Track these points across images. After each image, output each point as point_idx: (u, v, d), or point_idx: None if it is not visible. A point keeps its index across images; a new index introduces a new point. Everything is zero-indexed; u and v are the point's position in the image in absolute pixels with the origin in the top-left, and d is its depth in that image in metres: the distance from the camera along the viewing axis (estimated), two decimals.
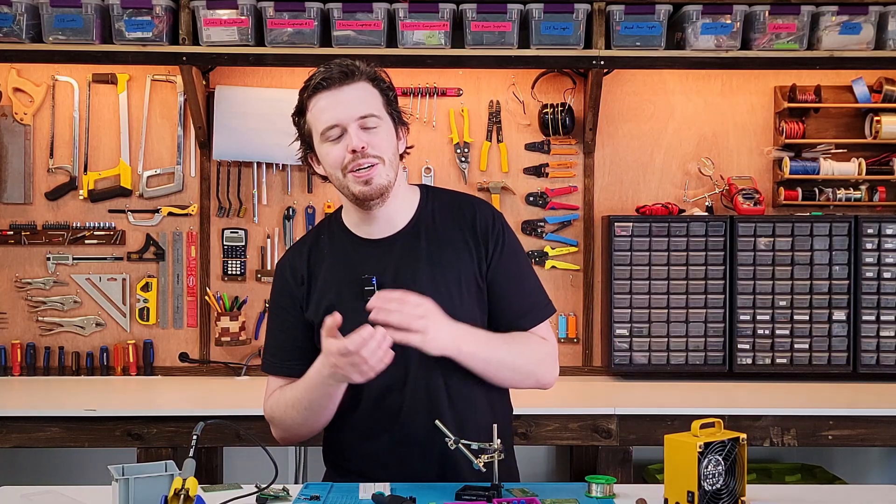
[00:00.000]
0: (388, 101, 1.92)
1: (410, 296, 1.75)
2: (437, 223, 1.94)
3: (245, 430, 2.03)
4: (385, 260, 1.90)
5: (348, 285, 1.89)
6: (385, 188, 1.87)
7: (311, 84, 1.88)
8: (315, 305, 1.92)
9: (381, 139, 1.86)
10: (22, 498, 1.84)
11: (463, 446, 1.74)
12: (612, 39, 3.25)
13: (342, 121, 1.84)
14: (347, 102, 1.85)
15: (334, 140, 1.86)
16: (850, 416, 2.92)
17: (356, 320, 1.75)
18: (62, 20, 3.22)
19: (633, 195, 3.58)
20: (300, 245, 2.03)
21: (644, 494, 1.79)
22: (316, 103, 1.88)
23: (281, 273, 2.00)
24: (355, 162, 1.84)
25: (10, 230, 3.52)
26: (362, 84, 1.89)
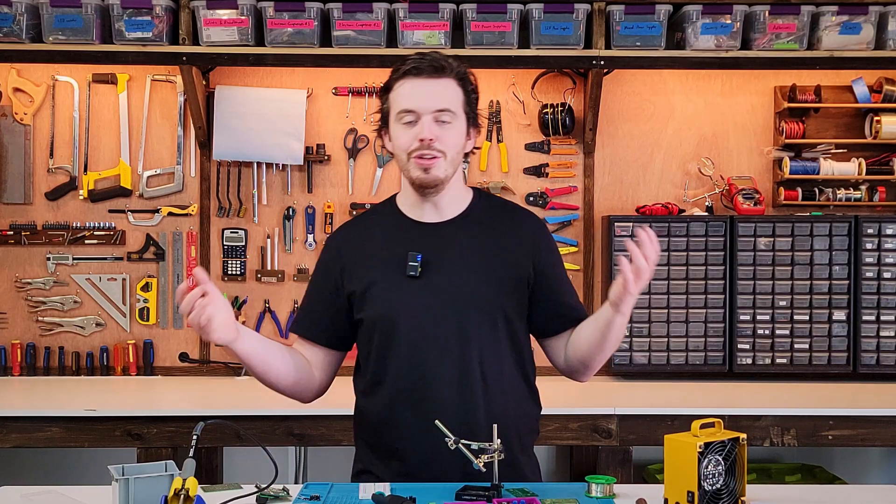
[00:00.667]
0: (469, 101, 2.00)
1: None
2: (487, 219, 2.05)
3: (245, 430, 2.03)
4: (433, 242, 2.00)
5: (394, 261, 1.98)
6: (441, 180, 1.97)
7: (402, 68, 1.98)
8: (358, 278, 2.01)
9: (450, 136, 1.95)
10: (22, 498, 1.84)
11: (463, 446, 1.74)
12: (612, 39, 3.25)
13: (419, 109, 1.94)
14: (429, 93, 1.95)
15: (408, 124, 1.95)
16: (850, 416, 2.92)
17: (398, 295, 1.93)
18: (62, 20, 3.22)
19: (633, 195, 3.58)
20: (352, 223, 2.18)
21: (644, 494, 1.79)
22: (401, 86, 1.97)
23: (329, 246, 2.12)
24: (420, 150, 1.93)
25: (10, 230, 3.52)
26: (448, 81, 1.97)
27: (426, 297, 1.95)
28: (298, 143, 3.49)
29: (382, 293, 1.97)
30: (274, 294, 3.57)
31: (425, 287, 1.95)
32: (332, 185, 3.58)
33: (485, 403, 1.94)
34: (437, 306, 1.94)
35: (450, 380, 1.94)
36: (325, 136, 3.57)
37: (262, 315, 3.56)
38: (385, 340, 1.97)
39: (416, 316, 1.94)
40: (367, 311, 1.99)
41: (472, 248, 2.00)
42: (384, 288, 1.97)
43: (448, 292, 1.95)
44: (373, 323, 1.99)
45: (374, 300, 1.98)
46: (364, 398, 2.05)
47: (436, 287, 1.95)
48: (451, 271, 1.96)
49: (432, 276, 1.96)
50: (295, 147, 3.49)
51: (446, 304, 1.94)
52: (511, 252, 2.01)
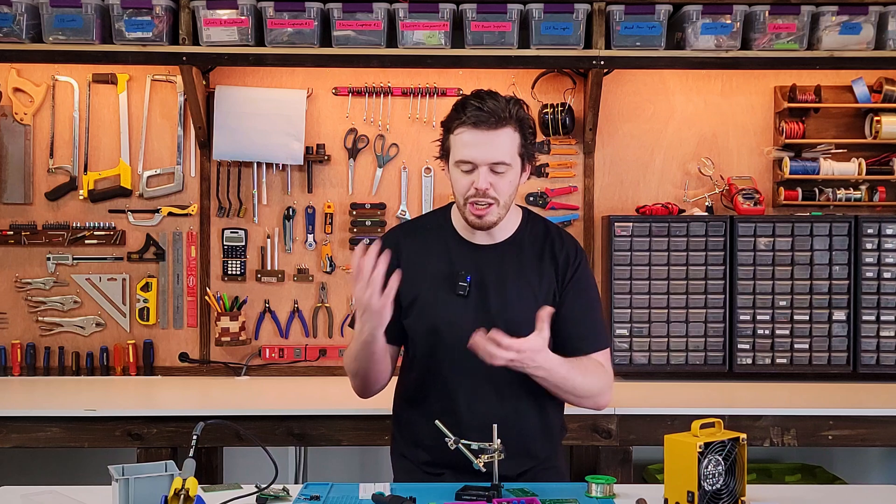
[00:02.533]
0: (525, 143, 2.08)
1: (519, 344, 1.88)
2: (530, 245, 2.16)
3: (245, 430, 2.03)
4: (481, 264, 2.11)
5: (443, 278, 2.10)
6: (494, 224, 2.08)
7: (464, 116, 2.02)
8: (407, 286, 2.05)
9: (505, 184, 2.05)
10: (22, 498, 1.84)
11: (463, 446, 1.74)
12: (612, 39, 3.25)
13: (476, 161, 2.02)
14: (488, 147, 2.01)
15: (465, 172, 2.04)
16: (850, 416, 2.92)
17: (445, 311, 2.06)
18: (62, 20, 3.22)
19: (633, 195, 3.58)
20: (409, 226, 2.28)
21: (644, 494, 1.79)
22: (461, 134, 2.03)
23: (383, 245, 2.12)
24: (475, 198, 2.03)
25: (10, 230, 3.52)
26: (508, 130, 2.03)
27: (469, 316, 2.04)
28: (298, 143, 3.49)
29: (429, 307, 2.09)
30: (274, 294, 3.57)
31: (469, 306, 2.07)
32: (332, 185, 3.58)
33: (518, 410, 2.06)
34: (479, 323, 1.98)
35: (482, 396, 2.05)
36: (325, 136, 3.57)
37: (262, 315, 3.56)
38: (428, 353, 2.10)
39: (458, 333, 2.00)
40: (412, 321, 2.11)
41: (514, 273, 2.10)
42: (432, 302, 2.09)
43: (491, 314, 2.04)
44: (418, 334, 2.11)
45: (421, 312, 2.10)
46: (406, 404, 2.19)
47: (478, 307, 2.06)
48: (494, 293, 2.07)
49: (477, 297, 2.08)
50: (295, 147, 3.49)
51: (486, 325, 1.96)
52: (547, 280, 2.11)
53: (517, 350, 1.87)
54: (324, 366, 3.55)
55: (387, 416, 2.91)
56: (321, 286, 3.56)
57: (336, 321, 3.57)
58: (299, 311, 3.57)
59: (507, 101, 2.03)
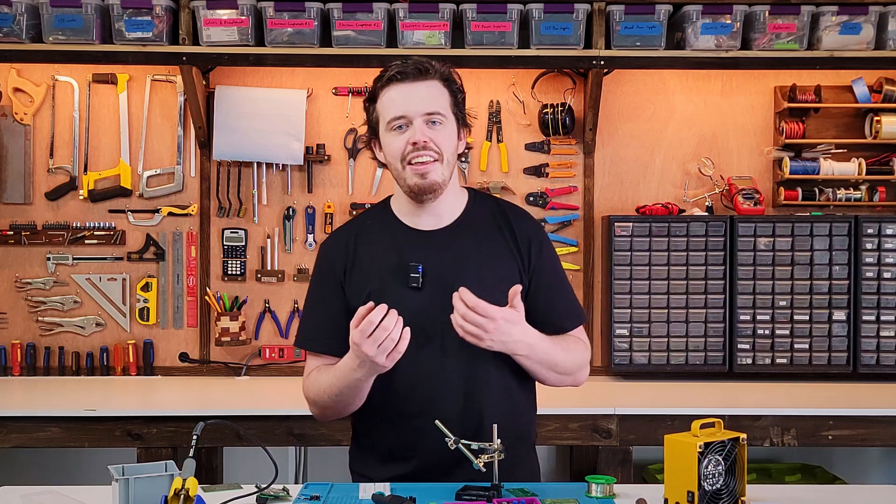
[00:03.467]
0: (456, 101, 1.99)
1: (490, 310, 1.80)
2: (483, 224, 2.02)
3: (245, 430, 2.03)
4: (432, 251, 1.97)
5: (393, 272, 1.95)
6: (439, 185, 1.94)
7: (386, 75, 1.95)
8: (358, 290, 1.96)
9: (443, 137, 1.93)
10: (22, 498, 1.84)
11: (463, 446, 1.74)
12: (612, 39, 3.25)
13: (409, 113, 1.92)
14: (417, 97, 1.92)
15: (398, 130, 1.93)
16: (850, 416, 2.92)
17: (399, 307, 1.85)
18: (62, 20, 3.22)
19: (633, 195, 3.58)
20: (348, 227, 2.10)
21: (644, 494, 1.79)
22: (387, 93, 1.95)
23: (326, 252, 2.07)
24: (415, 153, 1.91)
25: (10, 230, 3.52)
26: (434, 82, 1.96)
27: (429, 308, 1.91)
28: (298, 143, 3.50)
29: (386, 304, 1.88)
30: (274, 294, 3.57)
31: (427, 298, 1.93)
32: (332, 185, 3.58)
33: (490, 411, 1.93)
34: (439, 317, 1.89)
35: (455, 389, 1.93)
36: (325, 136, 3.57)
37: (261, 315, 3.56)
38: None
39: (420, 327, 1.88)
40: None
41: (471, 256, 1.97)
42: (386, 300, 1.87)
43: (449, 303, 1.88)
44: None
45: None
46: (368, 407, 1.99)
47: (437, 297, 1.91)
48: (452, 281, 1.90)
49: (433, 286, 1.93)
50: (295, 147, 3.49)
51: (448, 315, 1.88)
52: (508, 259, 1.99)
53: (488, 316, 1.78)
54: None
55: None
56: None
57: None
58: (299, 312, 3.56)
59: (429, 59, 1.98)
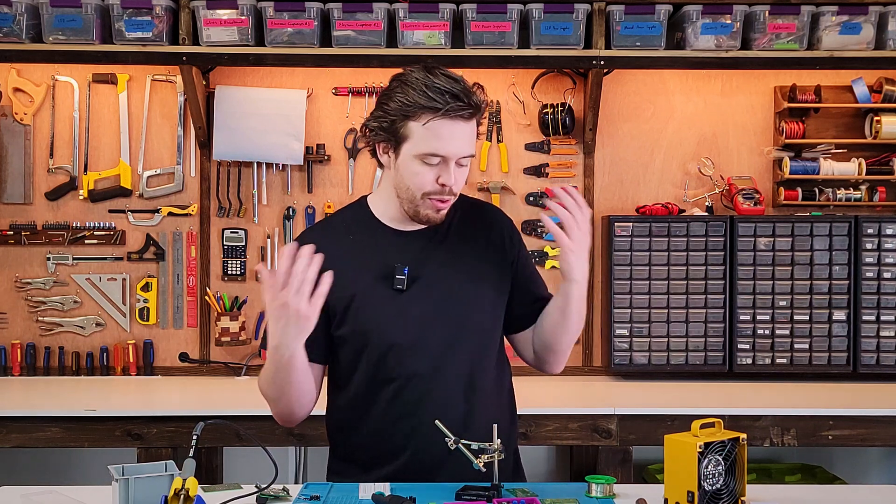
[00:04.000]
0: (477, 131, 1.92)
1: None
2: (462, 223, 1.99)
3: (245, 430, 2.03)
4: (416, 251, 1.93)
5: (375, 272, 1.90)
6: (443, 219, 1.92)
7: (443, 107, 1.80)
8: (337, 290, 1.83)
9: (464, 175, 1.89)
10: (22, 498, 1.84)
11: (463, 446, 1.74)
12: (612, 39, 3.25)
13: (450, 155, 1.83)
14: (461, 140, 1.84)
15: (430, 165, 1.84)
16: (850, 416, 2.92)
17: (384, 310, 1.84)
18: (62, 20, 3.22)
19: (633, 195, 3.58)
20: (322, 227, 2.05)
21: (644, 494, 1.79)
22: (433, 122, 1.81)
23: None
24: (439, 196, 1.87)
25: (10, 230, 3.52)
26: (473, 122, 1.88)
27: (415, 310, 1.88)
28: (298, 143, 3.50)
29: (369, 307, 1.88)
30: None
31: (413, 299, 1.89)
32: (332, 185, 3.58)
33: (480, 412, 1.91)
34: (426, 320, 1.88)
35: (444, 392, 1.89)
36: (325, 136, 3.57)
37: (261, 315, 3.56)
38: (375, 355, 1.89)
39: (406, 331, 1.87)
40: (350, 326, 1.89)
41: (454, 256, 1.95)
42: (371, 302, 1.87)
43: (436, 304, 1.89)
44: (359, 339, 1.89)
45: (360, 314, 1.88)
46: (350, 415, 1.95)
47: (423, 300, 1.89)
48: (437, 282, 1.90)
49: (418, 288, 1.89)
50: (295, 147, 3.49)
51: (435, 317, 1.89)
52: (491, 256, 1.99)
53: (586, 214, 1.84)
54: None
55: None
56: None
57: None
58: None
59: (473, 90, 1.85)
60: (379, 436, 1.93)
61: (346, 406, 1.96)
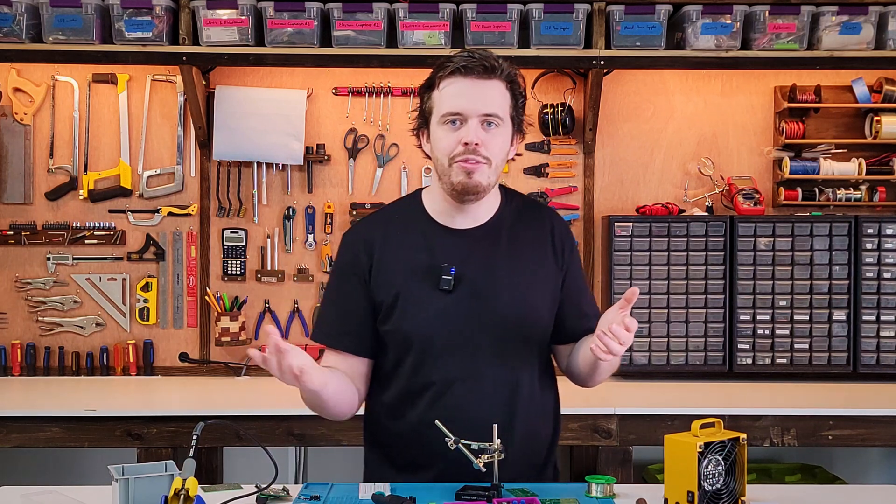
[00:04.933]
0: (516, 106, 1.90)
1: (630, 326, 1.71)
2: (517, 223, 1.96)
3: (245, 430, 2.03)
4: (465, 251, 1.90)
5: (423, 271, 1.88)
6: (483, 188, 1.86)
7: (450, 66, 1.84)
8: (384, 289, 1.88)
9: (496, 142, 1.85)
10: (22, 498, 1.84)
11: (463, 446, 1.74)
12: (612, 39, 3.25)
13: (466, 111, 1.82)
14: (478, 96, 1.83)
15: (452, 126, 1.84)
16: (850, 416, 2.92)
17: (430, 310, 1.83)
18: (62, 20, 3.22)
19: (633, 195, 3.58)
20: (375, 219, 2.00)
21: (644, 494, 1.79)
22: (447, 85, 1.84)
23: (351, 245, 1.96)
24: (464, 156, 1.82)
25: (10, 230, 3.52)
26: (498, 83, 1.86)
27: (460, 312, 1.86)
28: (298, 143, 3.50)
29: (413, 306, 1.87)
30: (274, 294, 3.57)
31: (458, 301, 1.86)
32: (332, 185, 3.58)
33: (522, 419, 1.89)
34: (471, 321, 1.86)
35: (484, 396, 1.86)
36: (325, 136, 3.57)
37: (261, 315, 3.56)
38: (418, 356, 1.87)
39: (450, 332, 1.86)
40: (395, 323, 1.88)
41: (505, 258, 1.90)
42: (415, 301, 1.86)
43: (482, 307, 1.86)
44: (403, 337, 1.88)
45: (403, 313, 1.87)
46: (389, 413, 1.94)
47: (469, 301, 1.86)
48: (484, 284, 1.87)
49: (465, 289, 1.86)
50: (295, 147, 3.49)
51: (480, 319, 1.86)
52: (544, 260, 1.94)
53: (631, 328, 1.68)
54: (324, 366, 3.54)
55: None
56: (321, 286, 3.56)
57: None
58: (299, 311, 3.57)
59: (497, 56, 1.86)
60: (416, 441, 1.89)
61: (387, 406, 1.94)
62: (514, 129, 1.91)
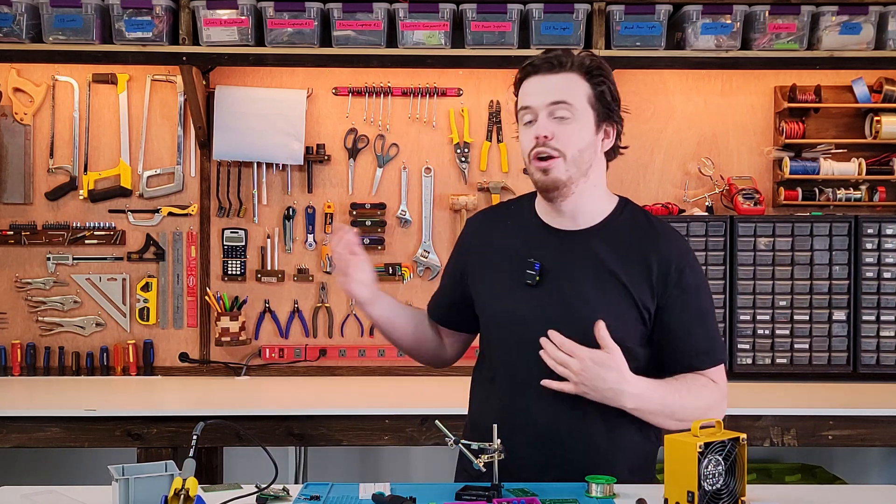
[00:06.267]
0: (598, 94, 1.87)
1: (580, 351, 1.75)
2: (624, 236, 1.91)
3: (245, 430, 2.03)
4: (559, 251, 1.91)
5: (514, 265, 1.92)
6: (563, 183, 1.86)
7: (525, 67, 1.90)
8: (478, 276, 1.99)
9: (570, 133, 1.84)
10: (22, 498, 1.84)
11: (463, 446, 1.74)
12: (612, 39, 3.25)
13: (535, 105, 1.85)
14: (545, 89, 1.85)
15: (528, 125, 1.88)
16: (850, 416, 2.92)
17: (509, 301, 1.90)
18: (62, 20, 3.22)
19: (633, 195, 3.51)
20: (495, 209, 2.14)
21: (644, 494, 1.78)
22: (523, 84, 1.90)
23: (466, 230, 2.09)
24: (537, 149, 1.85)
25: (10, 230, 3.52)
26: (570, 75, 1.85)
27: (535, 308, 1.87)
28: (298, 143, 3.50)
29: (496, 296, 1.94)
30: (274, 294, 3.57)
31: (539, 297, 1.87)
32: (332, 185, 3.58)
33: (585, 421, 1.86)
34: (543, 320, 1.84)
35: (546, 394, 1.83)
36: (325, 136, 3.57)
37: (262, 315, 3.56)
38: (496, 343, 1.95)
39: (522, 326, 1.87)
40: (481, 309, 1.99)
41: (595, 265, 1.87)
42: (499, 291, 1.93)
43: (557, 308, 1.86)
44: (488, 323, 1.98)
45: (488, 301, 1.96)
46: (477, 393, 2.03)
47: (547, 300, 1.87)
48: (567, 286, 1.86)
49: (548, 287, 1.87)
50: (295, 147, 3.49)
51: (552, 320, 1.83)
52: (636, 278, 1.87)
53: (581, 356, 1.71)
54: (324, 366, 3.55)
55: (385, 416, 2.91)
56: (321, 286, 3.56)
57: (336, 321, 3.57)
58: (299, 311, 3.57)
59: (571, 52, 1.87)
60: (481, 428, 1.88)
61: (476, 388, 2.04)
62: (599, 118, 1.88)
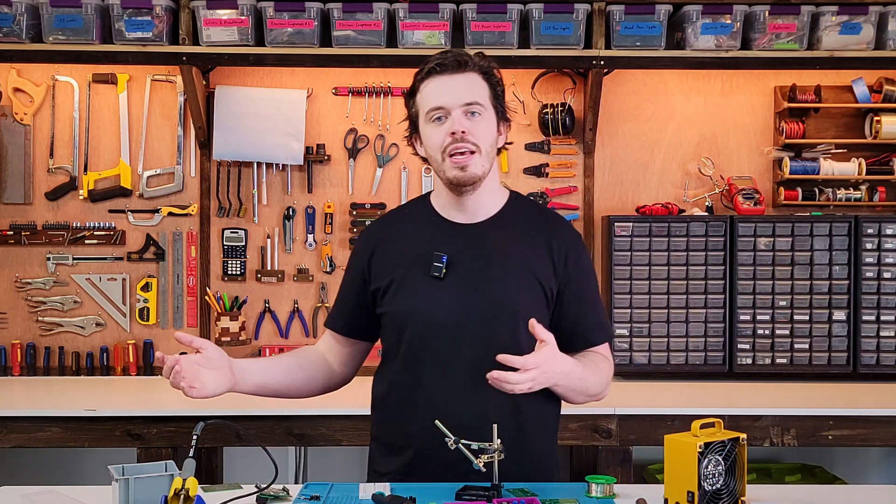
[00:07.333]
0: (495, 94, 1.98)
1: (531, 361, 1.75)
2: (519, 223, 2.02)
3: (245, 430, 2.03)
4: (461, 243, 1.97)
5: (420, 260, 1.96)
6: (478, 177, 1.94)
7: (425, 68, 1.96)
8: (381, 275, 2.00)
9: (482, 129, 1.93)
10: (22, 498, 1.84)
11: (463, 446, 1.74)
12: (612, 39, 3.25)
13: (448, 104, 1.91)
14: (455, 88, 1.92)
15: (438, 122, 1.93)
16: (850, 416, 2.92)
17: (418, 295, 1.93)
18: (62, 20, 3.22)
19: (633, 195, 3.58)
20: (387, 216, 2.15)
21: (644, 494, 1.79)
22: (426, 86, 1.95)
23: (361, 237, 2.13)
24: (454, 146, 1.91)
25: (10, 230, 3.52)
26: (473, 75, 1.95)
27: (446, 299, 1.92)
28: (298, 143, 3.50)
29: (403, 291, 1.96)
30: (274, 294, 3.57)
31: (447, 289, 1.93)
32: (332, 185, 3.58)
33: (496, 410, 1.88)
34: (456, 309, 1.91)
35: (463, 383, 1.90)
36: (325, 136, 3.57)
37: (261, 315, 3.56)
38: (400, 339, 1.97)
39: (435, 317, 1.92)
40: (386, 307, 1.99)
41: (499, 253, 1.96)
42: (406, 286, 1.96)
43: (468, 296, 1.92)
44: (394, 320, 1.98)
45: (394, 297, 1.97)
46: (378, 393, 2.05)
47: (457, 290, 1.92)
48: (475, 275, 1.93)
49: (455, 278, 1.93)
50: (295, 147, 3.49)
51: (465, 308, 1.91)
52: (538, 261, 1.97)
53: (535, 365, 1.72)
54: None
55: None
56: (321, 286, 3.56)
57: None
58: (299, 311, 3.57)
59: (467, 52, 1.97)
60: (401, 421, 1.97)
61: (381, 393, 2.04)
62: (498, 117, 1.99)
